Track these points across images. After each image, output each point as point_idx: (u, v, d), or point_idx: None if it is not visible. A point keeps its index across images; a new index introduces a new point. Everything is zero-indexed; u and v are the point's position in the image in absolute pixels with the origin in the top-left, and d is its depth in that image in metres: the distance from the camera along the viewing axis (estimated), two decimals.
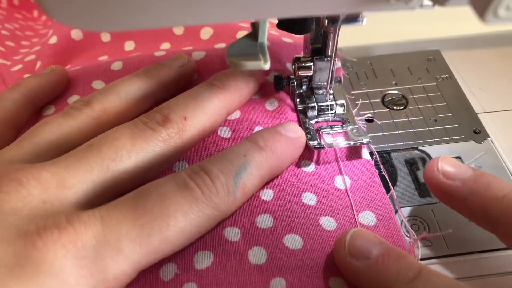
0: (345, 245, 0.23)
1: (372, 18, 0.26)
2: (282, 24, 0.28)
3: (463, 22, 0.39)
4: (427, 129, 0.33)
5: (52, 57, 0.40)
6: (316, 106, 0.32)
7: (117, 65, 0.36)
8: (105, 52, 0.40)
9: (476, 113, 0.34)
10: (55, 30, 0.41)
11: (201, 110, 0.28)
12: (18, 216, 0.20)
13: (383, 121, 0.34)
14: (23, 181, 0.21)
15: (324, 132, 0.31)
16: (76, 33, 0.40)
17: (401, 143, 0.32)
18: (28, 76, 0.33)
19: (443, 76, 0.38)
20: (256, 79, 0.32)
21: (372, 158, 0.30)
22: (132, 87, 0.29)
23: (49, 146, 0.25)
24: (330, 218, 0.27)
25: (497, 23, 0.16)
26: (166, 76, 0.31)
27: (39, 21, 0.52)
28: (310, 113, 0.32)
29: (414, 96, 0.36)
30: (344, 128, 0.31)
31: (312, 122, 0.31)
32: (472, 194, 0.24)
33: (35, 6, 0.52)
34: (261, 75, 0.33)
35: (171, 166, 0.29)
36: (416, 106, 0.35)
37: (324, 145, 0.29)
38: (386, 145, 0.32)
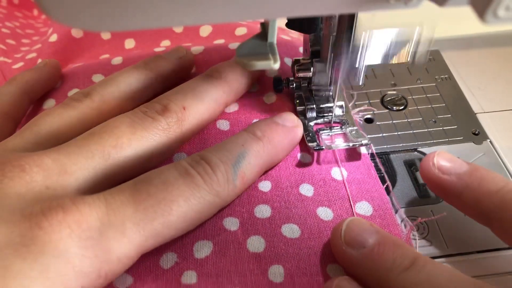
0: (341, 234, 0.23)
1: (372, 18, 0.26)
2: (291, 23, 0.27)
3: (463, 23, 0.39)
4: (426, 131, 0.33)
5: (53, 55, 0.40)
6: (315, 108, 0.32)
7: (117, 60, 0.36)
8: (106, 50, 0.40)
9: (475, 113, 0.34)
10: (55, 28, 0.42)
11: (200, 100, 0.28)
12: (23, 200, 0.20)
13: (382, 122, 0.34)
14: (26, 168, 0.21)
15: (323, 134, 0.31)
16: (76, 31, 0.40)
17: (400, 145, 0.32)
18: (23, 71, 0.34)
19: (443, 77, 0.38)
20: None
21: (372, 160, 0.30)
22: (131, 79, 0.30)
23: (50, 136, 0.26)
24: (327, 209, 0.27)
25: (497, 24, 0.16)
26: (165, 68, 0.32)
27: (39, 20, 0.52)
28: (309, 115, 0.32)
29: (414, 97, 0.36)
30: (343, 130, 0.31)
31: (311, 124, 0.31)
32: (467, 189, 0.24)
33: (35, 5, 0.52)
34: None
35: (171, 156, 0.29)
36: (416, 107, 0.35)
37: (324, 147, 0.29)
38: (385, 147, 0.32)
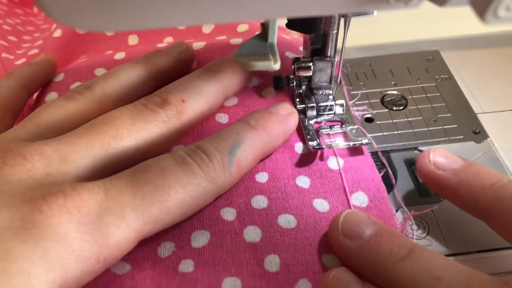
0: (339, 226, 0.24)
1: (372, 18, 0.26)
2: (291, 24, 0.27)
3: (463, 23, 0.39)
4: (427, 130, 0.33)
5: (57, 50, 0.40)
6: (316, 106, 0.32)
7: (120, 55, 0.37)
8: (109, 46, 0.40)
9: (476, 113, 0.35)
10: (59, 24, 0.42)
11: (199, 93, 0.29)
12: (24, 186, 0.21)
13: (383, 122, 0.34)
14: (27, 156, 0.22)
15: (324, 133, 0.31)
16: (76, 28, 0.41)
17: (401, 143, 0.32)
18: (21, 66, 0.35)
19: (443, 77, 0.38)
20: None
21: (375, 160, 0.30)
22: (133, 73, 0.30)
23: (51, 127, 0.26)
24: (323, 200, 0.27)
25: (497, 24, 0.16)
26: (166, 62, 0.32)
27: (40, 17, 0.52)
28: (310, 113, 0.32)
29: (414, 97, 0.36)
30: (344, 128, 0.31)
31: (312, 122, 0.31)
32: (462, 183, 0.24)
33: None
34: None
35: (169, 148, 0.29)
36: (416, 107, 0.35)
37: (324, 146, 0.29)
38: (386, 145, 0.32)
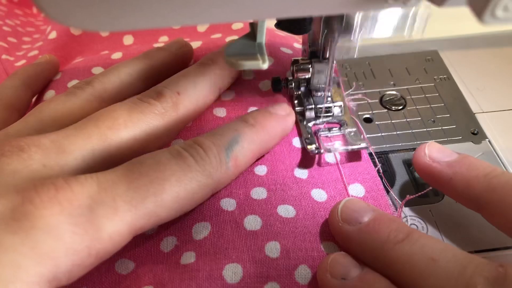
0: (338, 212, 0.25)
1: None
2: (281, 24, 0.28)
3: (461, 23, 0.39)
4: (425, 130, 0.33)
5: (53, 52, 0.40)
6: (314, 108, 0.32)
7: (117, 55, 0.37)
8: (105, 47, 0.41)
9: (474, 114, 0.35)
10: (54, 26, 0.42)
11: (193, 85, 0.29)
12: (18, 177, 0.21)
13: (381, 122, 0.34)
14: (25, 147, 0.22)
15: (322, 135, 0.31)
16: (75, 28, 0.41)
17: (399, 144, 0.32)
18: (25, 66, 0.35)
19: (441, 77, 0.38)
20: None
21: (374, 163, 0.30)
22: (133, 69, 0.31)
23: (52, 122, 0.26)
24: (321, 190, 0.28)
25: (495, 24, 0.16)
26: (165, 59, 0.33)
27: (39, 17, 0.52)
28: (308, 115, 0.32)
29: (412, 97, 0.36)
30: (342, 131, 0.31)
31: (310, 125, 0.31)
32: (456, 175, 0.25)
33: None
34: None
35: (168, 143, 0.29)
36: (414, 107, 0.35)
37: (322, 151, 0.29)
38: (384, 146, 0.32)
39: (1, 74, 0.40)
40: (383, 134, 0.33)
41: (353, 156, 0.30)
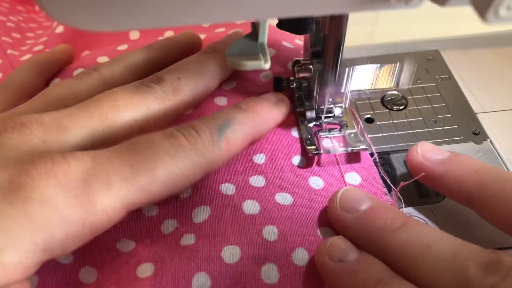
0: (337, 200, 0.26)
1: (372, 18, 0.26)
2: (282, 24, 0.28)
3: (463, 22, 0.39)
4: (427, 130, 0.33)
5: None
6: (315, 109, 0.32)
7: (122, 47, 0.38)
8: (111, 41, 0.41)
9: (476, 113, 0.34)
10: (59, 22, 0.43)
11: (194, 72, 0.30)
12: (19, 151, 0.21)
13: (383, 122, 0.34)
14: (27, 123, 0.23)
15: (322, 136, 0.31)
16: (77, 27, 0.41)
17: (401, 144, 0.32)
18: (39, 53, 0.37)
19: (443, 77, 0.38)
20: None
21: (375, 162, 0.30)
22: (140, 58, 0.32)
23: (58, 103, 0.27)
24: (318, 178, 0.28)
25: (498, 23, 0.16)
26: (172, 49, 0.33)
27: (42, 14, 0.53)
28: (309, 115, 0.32)
29: (414, 97, 0.36)
30: (342, 132, 0.31)
31: (311, 125, 0.31)
32: (448, 171, 0.25)
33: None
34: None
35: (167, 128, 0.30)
36: (416, 107, 0.35)
37: (322, 151, 0.29)
38: (386, 146, 0.32)
39: (7, 68, 0.41)
40: (385, 134, 0.33)
41: (353, 158, 0.30)
